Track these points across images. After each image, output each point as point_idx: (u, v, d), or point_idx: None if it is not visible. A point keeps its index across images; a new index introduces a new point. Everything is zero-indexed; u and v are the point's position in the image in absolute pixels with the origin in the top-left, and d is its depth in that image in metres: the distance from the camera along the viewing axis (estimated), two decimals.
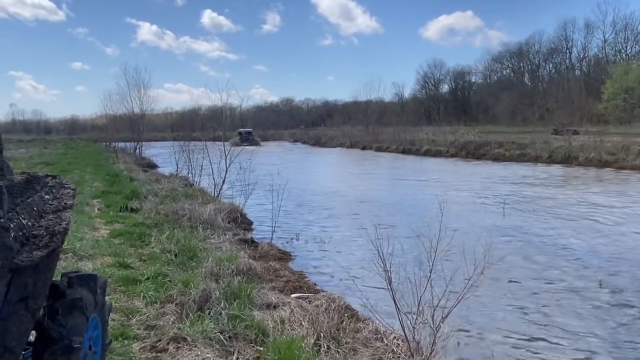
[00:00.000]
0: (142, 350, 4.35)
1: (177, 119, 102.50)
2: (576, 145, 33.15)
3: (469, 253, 5.09)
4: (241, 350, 4.66)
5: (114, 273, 6.26)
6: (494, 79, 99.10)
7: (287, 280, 7.54)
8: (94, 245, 7.68)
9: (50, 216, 2.57)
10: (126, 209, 11.55)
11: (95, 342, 3.15)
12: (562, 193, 18.84)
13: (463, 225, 12.01)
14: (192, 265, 7.09)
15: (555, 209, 15.23)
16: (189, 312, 5.24)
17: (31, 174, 2.72)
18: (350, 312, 6.10)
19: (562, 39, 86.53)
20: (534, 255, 9.85)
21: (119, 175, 18.93)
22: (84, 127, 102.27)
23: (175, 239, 8.30)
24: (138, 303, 5.49)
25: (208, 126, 39.47)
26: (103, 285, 3.26)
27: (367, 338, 5.06)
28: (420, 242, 5.21)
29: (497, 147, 38.60)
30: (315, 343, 4.87)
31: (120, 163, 26.18)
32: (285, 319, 5.47)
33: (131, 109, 37.90)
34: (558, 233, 11.75)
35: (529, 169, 29.00)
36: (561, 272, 8.71)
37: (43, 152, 39.94)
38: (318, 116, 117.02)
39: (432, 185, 21.34)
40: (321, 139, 71.50)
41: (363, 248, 10.24)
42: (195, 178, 18.46)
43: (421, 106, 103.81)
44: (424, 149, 44.64)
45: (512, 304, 7.16)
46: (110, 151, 38.30)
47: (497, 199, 16.76)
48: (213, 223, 10.51)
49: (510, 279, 8.24)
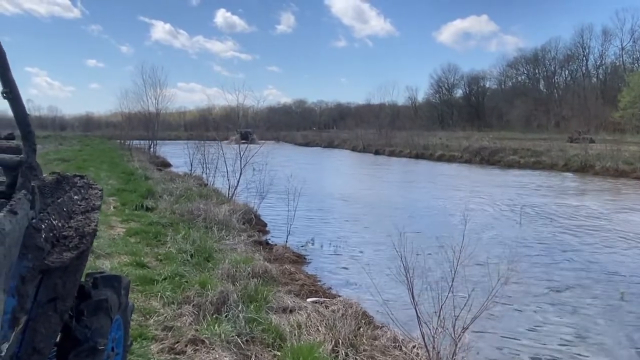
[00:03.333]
0: (160, 351, 4.33)
1: (192, 118, 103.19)
2: (592, 153, 32.73)
3: (492, 262, 5.00)
4: (258, 354, 4.63)
5: (131, 272, 6.25)
6: (509, 84, 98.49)
7: (302, 284, 7.49)
8: (111, 243, 7.69)
9: (80, 217, 2.55)
10: (141, 207, 11.59)
11: (117, 344, 3.13)
12: (581, 202, 18.59)
13: (483, 234, 11.88)
14: (209, 266, 7.07)
15: (575, 218, 15.02)
16: (206, 314, 5.21)
17: (61, 174, 2.70)
18: (367, 318, 6.04)
19: (578, 46, 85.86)
20: (555, 266, 9.68)
21: (134, 174, 19.03)
22: (98, 124, 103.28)
23: (190, 239, 8.29)
24: (155, 303, 5.48)
25: (221, 126, 39.53)
26: (126, 286, 3.24)
27: (386, 346, 5.00)
28: (441, 249, 5.14)
29: (512, 153, 38.20)
30: (333, 349, 4.82)
31: (135, 161, 26.33)
32: (302, 324, 5.42)
33: (147, 107, 38.19)
34: (580, 243, 11.54)
35: (546, 177, 28.68)
36: (582, 283, 8.56)
37: (59, 148, 40.35)
38: (330, 118, 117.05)
39: (449, 192, 21.21)
40: (333, 141, 71.39)
41: (379, 253, 10.20)
42: (209, 178, 18.49)
43: (434, 111, 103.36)
44: (437, 154, 44.34)
45: (535, 315, 7.03)
46: (125, 149, 38.56)
47: (514, 207, 16.57)
48: (228, 224, 10.51)
49: (532, 290, 8.07)
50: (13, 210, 1.99)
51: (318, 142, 74.16)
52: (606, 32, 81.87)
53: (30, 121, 2.28)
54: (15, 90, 2.15)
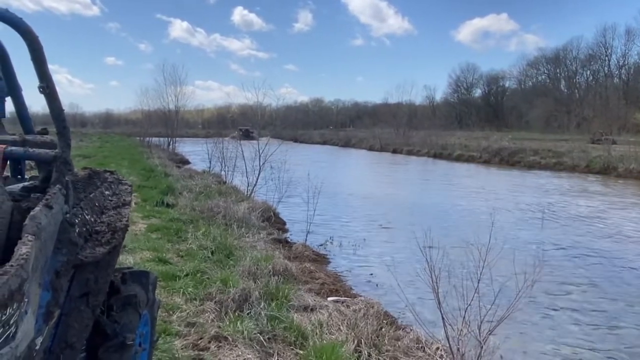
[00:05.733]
0: (184, 347, 4.34)
1: (209, 116, 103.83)
2: (615, 155, 32.13)
3: (518, 264, 4.91)
4: (280, 352, 4.61)
5: (154, 268, 6.27)
6: (529, 84, 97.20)
7: (322, 283, 7.47)
8: (133, 239, 7.75)
9: (111, 212, 2.56)
10: (162, 204, 11.67)
11: (144, 339, 3.14)
12: (605, 205, 18.25)
13: (508, 235, 11.71)
14: (230, 263, 7.08)
15: (600, 222, 14.74)
16: (228, 311, 5.21)
17: (93, 169, 2.71)
18: (388, 318, 6.00)
19: (601, 46, 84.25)
20: (580, 270, 9.48)
21: (154, 170, 19.17)
22: (118, 121, 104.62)
23: (211, 236, 8.32)
24: (178, 299, 5.50)
25: (238, 124, 39.75)
26: (154, 282, 3.25)
27: (409, 347, 4.95)
28: (465, 250, 5.07)
29: (533, 154, 37.68)
30: (355, 349, 4.79)
31: (154, 158, 26.54)
32: (323, 323, 5.39)
33: (167, 105, 38.59)
34: (609, 248, 11.30)
35: (568, 179, 28.22)
36: (615, 290, 8.36)
37: (79, 144, 40.84)
38: (347, 117, 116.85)
39: (470, 193, 21.00)
40: (350, 140, 71.21)
41: (399, 253, 10.12)
42: (228, 175, 18.58)
43: (453, 110, 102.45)
44: (455, 154, 43.93)
45: (563, 319, 6.91)
46: (145, 146, 38.94)
47: (539, 209, 16.30)
48: (247, 221, 10.53)
49: (560, 293, 7.92)
50: (49, 205, 1.99)
51: (335, 142, 74.04)
52: (629, 32, 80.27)
53: (66, 117, 2.28)
54: (51, 86, 2.15)
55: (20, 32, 2.06)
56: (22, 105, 2.69)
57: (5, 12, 2.07)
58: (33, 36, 2.06)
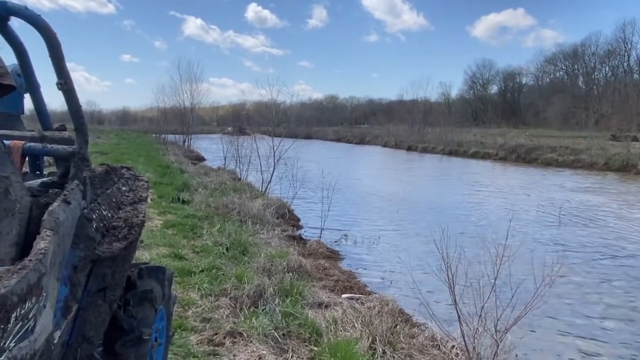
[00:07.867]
0: (200, 343, 4.37)
1: (224, 113, 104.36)
2: (635, 152, 31.55)
3: (536, 262, 4.85)
4: (295, 348, 4.62)
5: (170, 264, 6.33)
6: (546, 80, 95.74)
7: (337, 280, 7.46)
8: (149, 235, 7.83)
9: (128, 208, 2.58)
10: (178, 200, 11.77)
11: (160, 334, 3.16)
12: (625, 203, 17.95)
13: (526, 233, 11.60)
14: (244, 259, 7.11)
15: (621, 220, 14.51)
16: (243, 307, 5.24)
17: (110, 165, 2.73)
18: (403, 316, 5.97)
19: (620, 41, 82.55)
20: (601, 270, 9.31)
21: (169, 167, 19.35)
22: (134, 119, 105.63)
23: (226, 232, 8.37)
24: (193, 295, 5.54)
25: (253, 121, 39.93)
26: (170, 278, 3.27)
27: (423, 344, 4.92)
28: (482, 247, 5.02)
29: (550, 151, 37.12)
30: (370, 346, 4.78)
31: (170, 155, 26.77)
32: (337, 319, 5.39)
33: (182, 102, 38.84)
34: (629, 248, 11.10)
35: (585, 176, 27.81)
36: (630, 289, 8.23)
37: (97, 141, 41.30)
38: (362, 114, 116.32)
39: (487, 190, 20.82)
40: (365, 137, 70.95)
41: (415, 250, 10.08)
42: (242, 172, 18.67)
43: (468, 107, 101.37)
44: (471, 151, 43.50)
45: (582, 319, 6.80)
46: (161, 143, 39.27)
47: (557, 207, 16.07)
48: (262, 218, 10.57)
49: (579, 293, 7.80)
50: (67, 200, 2.01)
51: (349, 139, 73.84)
52: None
53: (83, 113, 2.30)
54: (69, 82, 2.17)
55: (38, 29, 2.08)
56: (40, 102, 2.72)
57: (24, 9, 2.09)
58: (51, 33, 2.08)
